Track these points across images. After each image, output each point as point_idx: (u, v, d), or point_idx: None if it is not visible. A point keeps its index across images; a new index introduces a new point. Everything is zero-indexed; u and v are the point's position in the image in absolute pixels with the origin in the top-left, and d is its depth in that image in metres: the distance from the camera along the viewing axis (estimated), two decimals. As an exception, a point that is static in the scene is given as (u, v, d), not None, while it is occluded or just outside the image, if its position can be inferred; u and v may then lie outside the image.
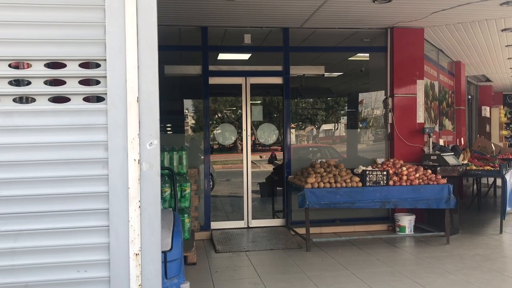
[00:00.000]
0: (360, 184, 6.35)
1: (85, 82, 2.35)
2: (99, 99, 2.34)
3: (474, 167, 7.71)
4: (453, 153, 7.62)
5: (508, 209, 7.23)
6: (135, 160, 2.29)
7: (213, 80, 7.42)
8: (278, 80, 7.67)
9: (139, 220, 2.31)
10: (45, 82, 2.30)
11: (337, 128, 11.43)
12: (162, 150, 5.70)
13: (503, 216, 7.10)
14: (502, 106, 16.39)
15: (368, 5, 6.25)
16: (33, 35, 2.26)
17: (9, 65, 2.28)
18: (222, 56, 7.95)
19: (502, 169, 7.26)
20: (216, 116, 8.71)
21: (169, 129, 7.83)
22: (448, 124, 10.60)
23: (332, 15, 6.70)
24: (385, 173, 6.39)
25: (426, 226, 7.13)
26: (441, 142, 8.90)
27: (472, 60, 10.81)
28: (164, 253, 2.76)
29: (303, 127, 12.25)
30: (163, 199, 5.41)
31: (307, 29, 7.43)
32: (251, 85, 7.70)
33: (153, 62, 2.32)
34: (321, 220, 7.25)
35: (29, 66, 2.30)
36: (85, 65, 2.33)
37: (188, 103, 9.28)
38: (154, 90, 2.33)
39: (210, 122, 7.66)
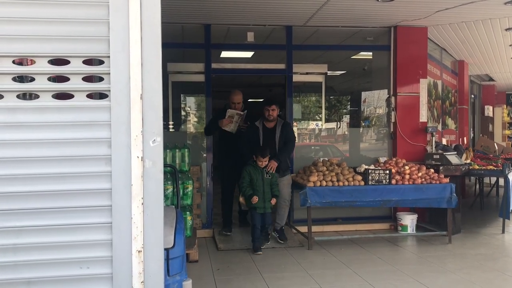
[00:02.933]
0: (362, 183, 6.35)
1: (89, 79, 2.35)
2: (102, 96, 2.35)
3: (476, 167, 7.70)
4: (455, 153, 7.60)
5: (511, 208, 7.21)
6: (138, 157, 2.29)
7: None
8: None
9: (142, 217, 2.31)
10: (49, 79, 2.30)
11: (340, 127, 11.44)
12: (165, 147, 5.70)
13: (507, 216, 7.07)
14: (505, 106, 16.36)
15: (371, 4, 6.23)
16: (37, 32, 2.26)
17: (13, 62, 2.28)
18: (224, 54, 7.94)
19: (505, 168, 7.25)
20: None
21: (171, 126, 7.83)
22: (451, 123, 10.58)
23: (335, 13, 6.69)
24: (387, 172, 6.38)
25: (428, 225, 7.12)
26: (444, 141, 8.88)
27: (475, 59, 10.78)
28: (167, 250, 2.76)
29: (305, 125, 12.20)
30: (165, 196, 5.41)
31: (310, 27, 7.42)
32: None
33: (156, 59, 2.31)
34: (323, 219, 7.25)
35: (32, 62, 2.30)
36: (89, 62, 2.34)
37: (190, 101, 9.30)
38: (157, 87, 2.33)
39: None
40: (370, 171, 6.39)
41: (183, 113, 8.94)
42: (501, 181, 8.68)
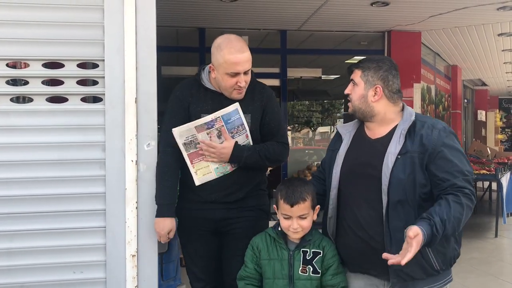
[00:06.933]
0: (356, 187, 6.33)
1: (83, 82, 2.34)
2: (96, 99, 2.34)
3: (470, 171, 7.71)
4: (449, 157, 7.62)
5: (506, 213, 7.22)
6: (132, 161, 2.28)
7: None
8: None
9: (136, 221, 2.30)
10: (43, 82, 2.29)
11: (333, 131, 11.47)
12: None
13: (504, 220, 7.06)
14: (497, 110, 16.45)
15: (366, 8, 6.25)
16: (31, 35, 2.25)
17: (7, 65, 2.27)
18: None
19: (498, 173, 7.27)
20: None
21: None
22: (444, 127, 10.62)
23: (330, 18, 6.71)
24: (381, 176, 6.38)
25: (422, 229, 7.11)
26: (437, 146, 8.91)
27: (468, 64, 10.84)
28: (161, 254, 2.74)
29: (299, 129, 12.23)
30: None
31: (304, 32, 7.43)
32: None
33: (151, 62, 2.31)
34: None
35: (26, 65, 2.29)
36: (83, 65, 2.33)
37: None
38: (152, 91, 2.32)
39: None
40: (364, 175, 6.39)
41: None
42: (494, 186, 8.70)
